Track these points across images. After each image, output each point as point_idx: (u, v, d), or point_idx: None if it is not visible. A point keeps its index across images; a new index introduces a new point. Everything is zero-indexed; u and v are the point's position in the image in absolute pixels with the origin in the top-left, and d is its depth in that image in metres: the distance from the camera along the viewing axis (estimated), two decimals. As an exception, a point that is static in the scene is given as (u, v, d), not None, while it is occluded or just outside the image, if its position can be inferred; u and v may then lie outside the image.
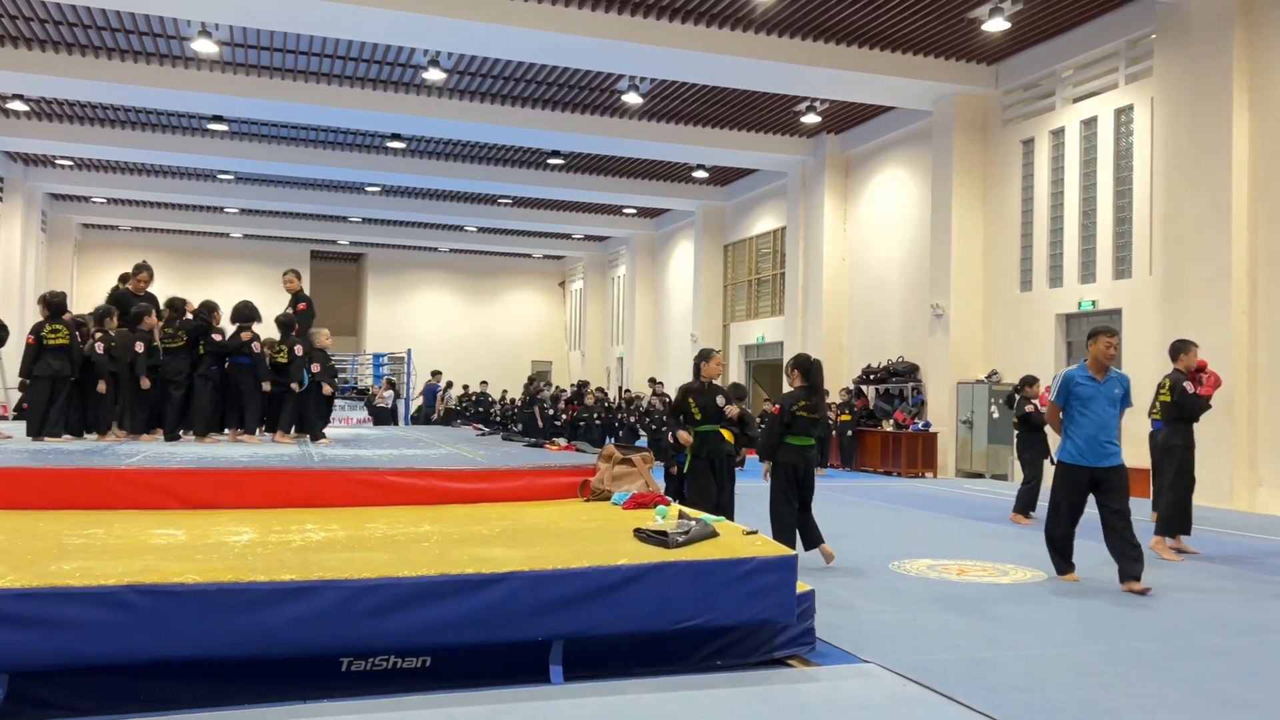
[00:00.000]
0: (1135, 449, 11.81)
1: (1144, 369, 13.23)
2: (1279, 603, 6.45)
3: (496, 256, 37.68)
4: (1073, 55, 15.73)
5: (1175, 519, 8.32)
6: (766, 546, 4.85)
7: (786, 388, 7.95)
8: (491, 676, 4.34)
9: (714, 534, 4.97)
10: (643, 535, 4.91)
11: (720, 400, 7.79)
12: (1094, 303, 15.39)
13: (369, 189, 27.73)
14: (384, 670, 4.28)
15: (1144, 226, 14.50)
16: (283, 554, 4.46)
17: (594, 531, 5.26)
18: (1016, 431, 11.15)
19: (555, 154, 23.37)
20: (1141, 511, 8.69)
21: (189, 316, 8.92)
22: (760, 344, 25.72)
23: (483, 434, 11.73)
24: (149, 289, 9.67)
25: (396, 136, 22.08)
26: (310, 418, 9.27)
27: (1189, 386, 8.32)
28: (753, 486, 8.33)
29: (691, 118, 20.53)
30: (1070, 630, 5.54)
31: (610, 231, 32.48)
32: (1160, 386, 8.77)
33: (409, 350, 27.82)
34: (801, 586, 4.90)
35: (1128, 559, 6.70)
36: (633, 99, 18.34)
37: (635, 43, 14.96)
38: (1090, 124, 15.62)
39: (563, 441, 9.49)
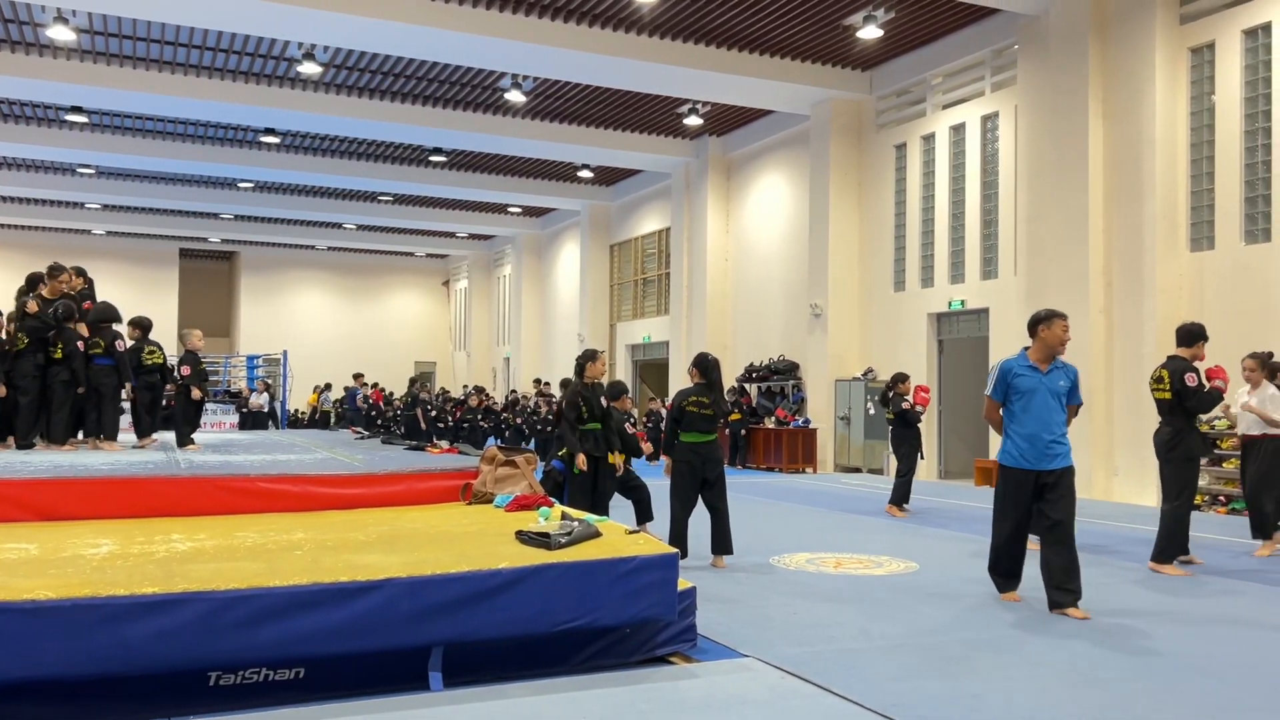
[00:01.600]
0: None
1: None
2: (1137, 587, 6.82)
3: (377, 255, 36.91)
4: (942, 64, 16.34)
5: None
6: (649, 545, 4.88)
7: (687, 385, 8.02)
8: (368, 685, 4.25)
9: (597, 534, 4.98)
10: (525, 537, 4.88)
11: (604, 401, 7.84)
12: (963, 302, 16.02)
13: (241, 185, 26.78)
14: (255, 683, 4.13)
15: (1009, 229, 15.16)
16: (145, 566, 4.26)
17: (475, 535, 5.20)
18: (891, 427, 11.52)
19: (437, 151, 23.03)
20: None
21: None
22: (646, 343, 25.90)
23: (362, 437, 11.47)
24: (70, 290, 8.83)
25: (270, 131, 21.38)
26: (178, 423, 8.90)
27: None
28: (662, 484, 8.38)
29: (576, 117, 20.52)
30: (940, 619, 5.74)
31: (495, 230, 32.19)
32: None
33: (285, 352, 27.01)
34: (683, 584, 4.94)
35: (1058, 588, 5.83)
36: (516, 97, 18.23)
37: (517, 40, 14.87)
38: (959, 130, 16.25)
39: (445, 444, 9.34)
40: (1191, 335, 7.41)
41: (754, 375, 20.37)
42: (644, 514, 8.54)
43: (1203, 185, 12.50)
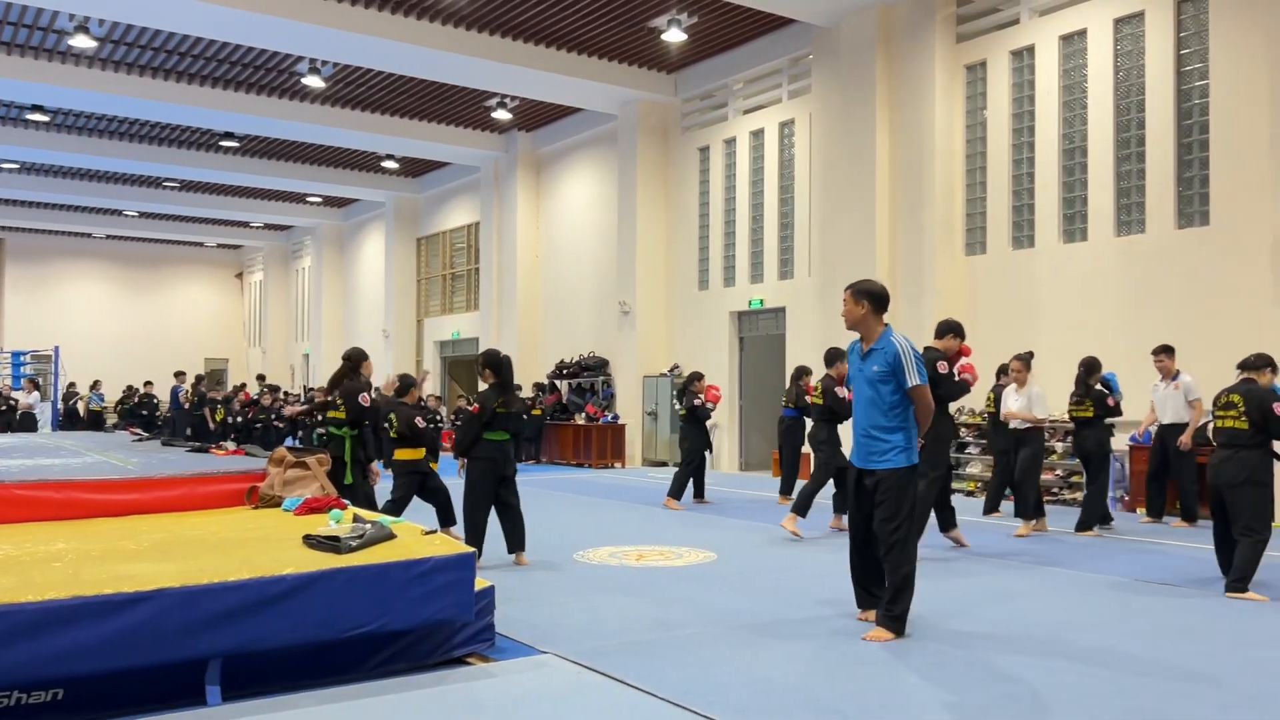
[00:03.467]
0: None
1: (805, 361, 14.41)
2: (937, 564, 7.24)
3: (163, 244, 34.62)
4: (743, 70, 16.88)
5: (802, 506, 8.92)
6: (444, 546, 4.79)
7: (482, 385, 7.93)
8: (139, 703, 3.97)
9: (390, 536, 4.84)
10: (313, 542, 4.69)
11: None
12: (762, 301, 16.62)
13: (5, 166, 24.45)
14: (5, 708, 3.79)
15: (805, 232, 15.85)
16: None
17: (259, 540, 4.96)
18: (682, 422, 11.83)
19: (229, 135, 21.79)
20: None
21: None
22: (455, 340, 25.48)
23: (140, 439, 10.71)
24: None
25: (39, 108, 19.61)
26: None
27: (840, 391, 9.21)
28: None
29: (379, 106, 19.92)
30: (734, 607, 5.93)
31: (293, 220, 30.80)
32: (815, 388, 9.66)
33: (56, 348, 24.92)
34: (481, 583, 4.89)
35: (863, 588, 5.48)
36: (314, 82, 17.51)
37: (314, 24, 14.26)
38: (759, 135, 16.84)
39: (231, 445, 8.86)
40: (943, 329, 7.90)
41: (564, 371, 20.42)
42: (446, 517, 8.37)
43: (977, 194, 13.47)
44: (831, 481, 9.34)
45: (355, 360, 7.69)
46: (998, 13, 13.22)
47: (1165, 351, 9.72)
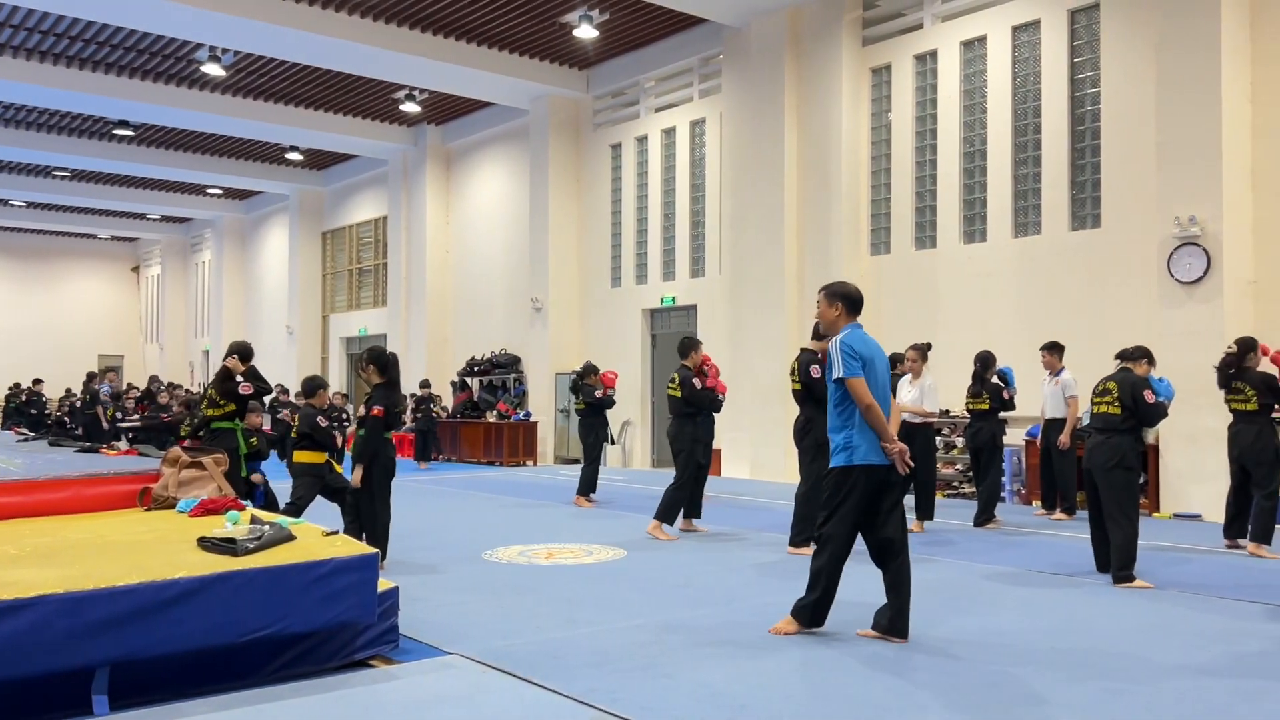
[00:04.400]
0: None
1: (716, 361, 14.56)
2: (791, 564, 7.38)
3: (54, 236, 33.18)
4: (655, 68, 16.94)
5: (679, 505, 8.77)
6: (346, 547, 4.70)
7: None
8: (20, 715, 3.79)
9: (290, 537, 4.72)
10: (208, 544, 4.55)
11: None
12: (674, 299, 16.72)
13: (-122, 150, 23.14)
14: None
15: (715, 230, 15.98)
16: None
17: (151, 544, 4.79)
18: (581, 416, 11.73)
19: (124, 124, 20.97)
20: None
21: None
22: (363, 336, 24.99)
23: (25, 439, 10.23)
24: None
25: (-85, 90, 18.61)
26: None
27: (697, 382, 8.97)
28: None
29: (283, 96, 19.42)
30: (642, 604, 5.94)
31: (193, 212, 29.82)
32: (671, 380, 9.19)
33: (-64, 343, 23.68)
34: (384, 584, 4.80)
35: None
36: (214, 70, 16.98)
37: (213, 10, 13.84)
38: (670, 133, 16.92)
39: (123, 445, 8.53)
40: (817, 330, 7.93)
41: (476, 369, 20.21)
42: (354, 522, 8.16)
43: (882, 195, 13.76)
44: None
45: (244, 353, 7.41)
46: (902, 17, 13.52)
47: (1050, 348, 10.03)
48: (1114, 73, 11.32)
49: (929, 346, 9.52)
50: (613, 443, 11.77)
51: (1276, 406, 7.81)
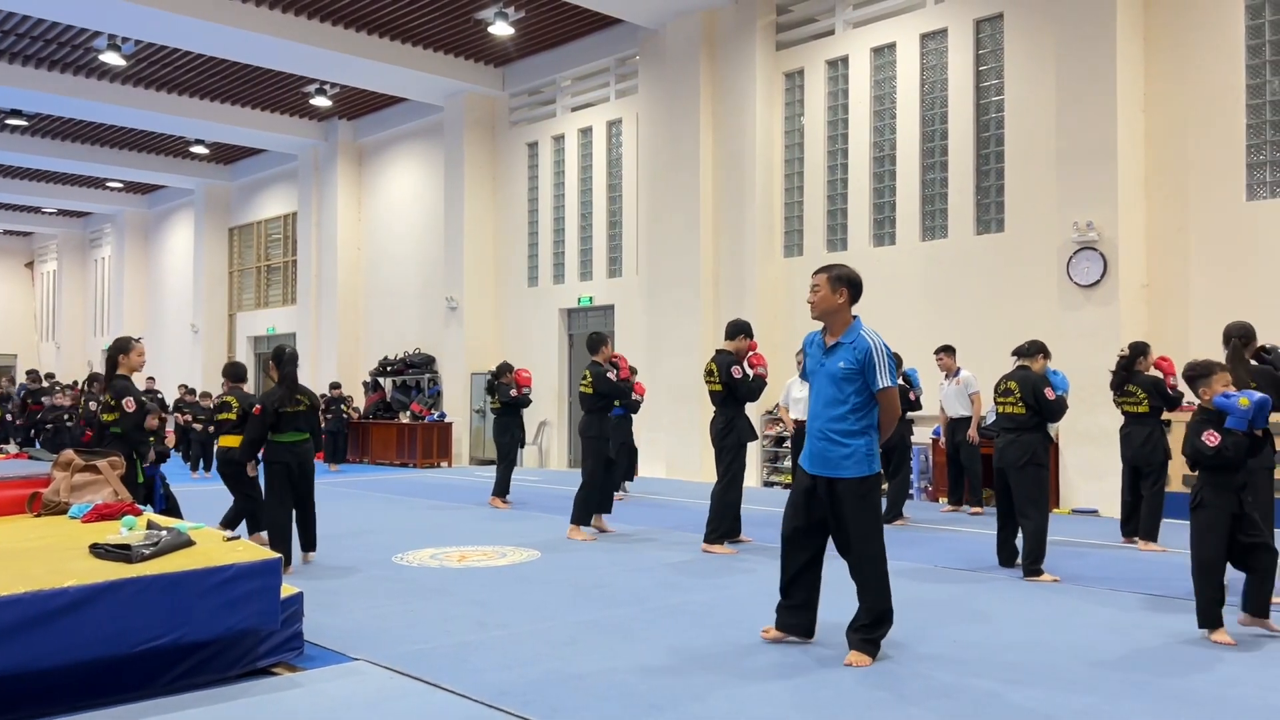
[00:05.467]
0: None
1: (637, 362, 14.57)
2: (732, 561, 7.44)
3: (-60, 230, 31.63)
4: (571, 66, 16.89)
5: (595, 502, 8.86)
6: (248, 552, 4.57)
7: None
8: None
9: (189, 543, 4.57)
10: (101, 551, 4.38)
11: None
12: (591, 299, 16.69)
13: None
14: None
15: (632, 230, 16.01)
16: None
17: (40, 551, 4.58)
18: (496, 416, 11.64)
19: (16, 113, 20.05)
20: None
21: None
22: (271, 335, 24.39)
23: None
24: None
25: None
26: None
27: (612, 375, 9.00)
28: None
29: (187, 87, 18.83)
30: (555, 605, 5.91)
31: (91, 207, 28.71)
32: (583, 377, 9.22)
33: None
34: (288, 590, 4.68)
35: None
36: (114, 60, 16.36)
37: (112, -3, 13.35)
38: (587, 133, 16.89)
39: (12, 448, 8.16)
40: (734, 329, 8.04)
41: (389, 369, 19.88)
42: (254, 523, 7.93)
43: (795, 198, 13.96)
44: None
45: (114, 355, 7.10)
46: (815, 23, 13.74)
47: (945, 351, 10.35)
48: (1016, 82, 11.67)
49: None
50: (523, 445, 11.74)
51: (1165, 409, 8.14)
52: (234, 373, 8.06)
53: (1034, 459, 6.84)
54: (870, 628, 4.62)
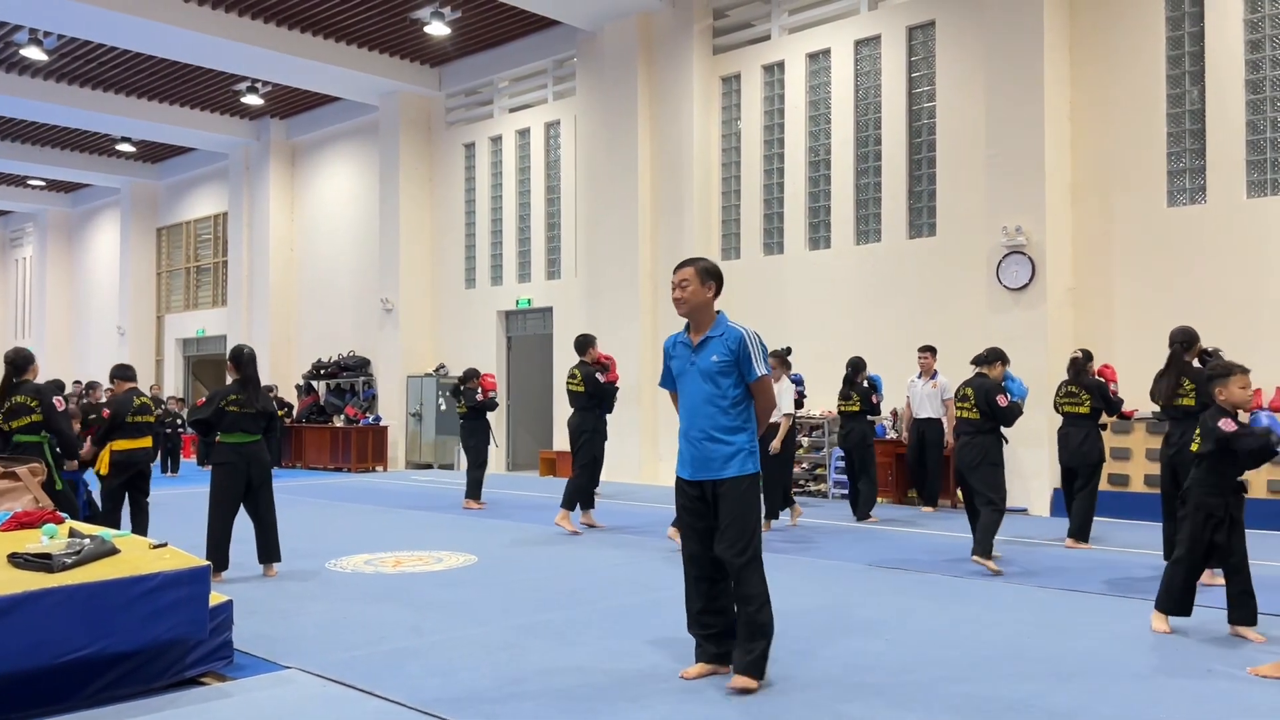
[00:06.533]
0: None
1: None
2: (670, 564, 7.46)
3: None
4: (509, 68, 16.81)
5: (576, 497, 9.29)
6: (175, 559, 4.47)
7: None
8: None
9: (113, 551, 4.45)
10: (20, 560, 4.24)
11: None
12: (530, 300, 16.62)
13: None
14: None
15: (571, 232, 15.98)
16: None
17: (-46, 561, 4.42)
18: (463, 420, 11.63)
19: (-69, 108, 19.36)
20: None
21: None
22: (201, 337, 23.85)
23: None
24: None
25: None
26: None
27: (601, 377, 9.36)
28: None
29: (114, 84, 18.33)
30: (491, 610, 5.87)
31: (11, 205, 27.76)
32: (572, 376, 9.60)
33: None
34: (217, 598, 4.59)
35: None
36: (36, 54, 15.86)
37: (33, -11, 12.95)
38: (525, 134, 16.81)
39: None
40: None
41: (323, 371, 19.56)
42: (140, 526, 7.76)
43: (732, 201, 14.06)
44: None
45: (21, 364, 6.89)
46: (751, 28, 13.86)
47: (929, 351, 10.58)
48: (948, 89, 11.90)
49: (789, 351, 9.81)
50: (496, 445, 11.89)
51: (1106, 413, 8.40)
52: (124, 374, 7.90)
53: (987, 459, 7.19)
54: (752, 642, 4.24)
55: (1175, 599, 5.18)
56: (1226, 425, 5.07)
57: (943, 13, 11.93)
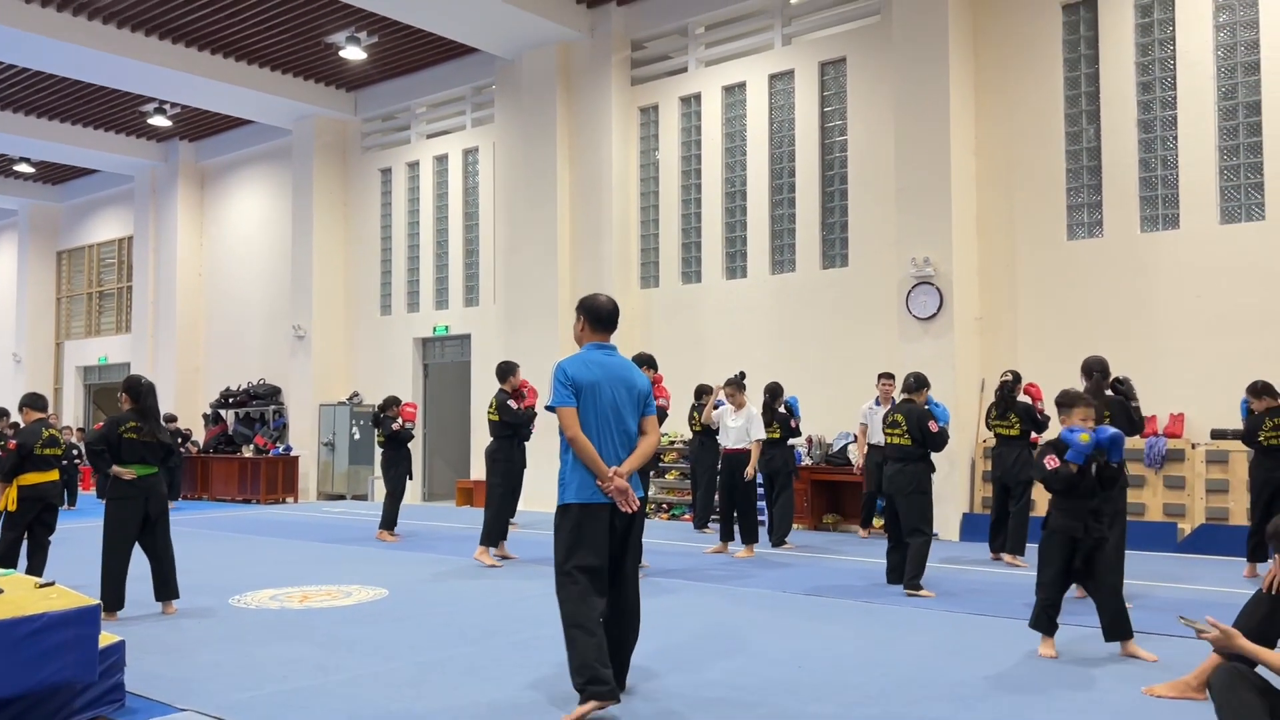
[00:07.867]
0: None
1: (490, 391, 14.40)
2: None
3: None
4: (426, 93, 16.70)
5: (495, 530, 9.13)
6: (62, 599, 4.26)
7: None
8: None
9: (-5, 591, 4.23)
10: (-108, 602, 4.00)
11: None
12: (447, 328, 16.44)
13: None
14: None
15: (489, 259, 15.88)
16: None
17: None
18: (382, 450, 11.37)
19: None
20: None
21: None
22: (103, 365, 23.01)
23: None
24: None
25: None
26: None
27: (513, 404, 9.21)
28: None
29: (11, 102, 17.69)
30: (400, 645, 5.74)
31: (-100, 227, 26.54)
32: (490, 405, 9.51)
33: None
34: (108, 638, 4.40)
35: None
36: (-73, 70, 15.23)
37: (-74, 3, 12.45)
38: (443, 160, 16.70)
39: None
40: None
41: (231, 400, 19.02)
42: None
43: (651, 230, 14.14)
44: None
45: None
46: (668, 60, 14.02)
47: (888, 378, 10.49)
48: (858, 123, 12.20)
49: (743, 376, 9.56)
50: (410, 477, 11.62)
51: (1035, 433, 8.68)
52: (34, 403, 7.60)
53: (919, 487, 7.38)
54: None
55: (1043, 620, 5.34)
56: (1049, 463, 5.25)
57: (854, 50, 12.24)
